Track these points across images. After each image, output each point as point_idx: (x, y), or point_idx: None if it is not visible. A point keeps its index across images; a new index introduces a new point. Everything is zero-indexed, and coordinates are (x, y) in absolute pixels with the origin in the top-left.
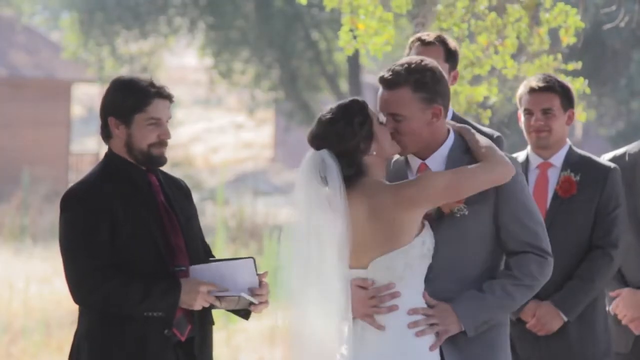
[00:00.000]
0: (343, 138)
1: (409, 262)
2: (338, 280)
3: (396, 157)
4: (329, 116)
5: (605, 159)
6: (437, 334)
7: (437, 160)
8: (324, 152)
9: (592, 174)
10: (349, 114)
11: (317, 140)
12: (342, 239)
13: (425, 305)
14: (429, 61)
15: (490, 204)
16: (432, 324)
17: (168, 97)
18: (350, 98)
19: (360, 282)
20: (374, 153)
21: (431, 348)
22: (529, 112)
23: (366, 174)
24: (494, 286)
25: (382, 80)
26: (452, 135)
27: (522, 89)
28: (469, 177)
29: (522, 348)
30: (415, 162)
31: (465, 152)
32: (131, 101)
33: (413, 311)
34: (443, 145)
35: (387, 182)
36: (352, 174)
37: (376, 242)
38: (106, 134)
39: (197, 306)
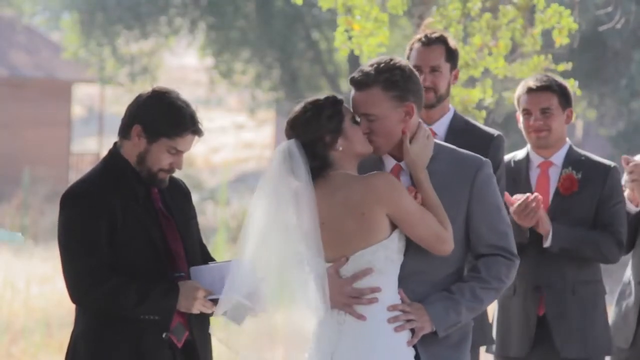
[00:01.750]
0: (308, 128)
1: (390, 256)
2: (309, 274)
3: None
4: (301, 106)
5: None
6: (413, 331)
7: None
8: (292, 142)
9: (593, 172)
10: (319, 107)
11: (288, 129)
12: (312, 231)
13: (400, 302)
14: (398, 60)
15: (464, 209)
16: (409, 320)
17: (200, 134)
18: (329, 94)
19: (335, 267)
20: (340, 149)
21: (408, 343)
22: (527, 113)
23: (333, 168)
24: (464, 289)
25: (353, 81)
26: None
27: (519, 90)
28: (422, 224)
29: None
30: (389, 162)
31: (434, 159)
32: (165, 126)
33: (393, 307)
34: None
35: (357, 175)
36: (318, 166)
37: (354, 236)
38: (124, 135)
39: (195, 310)
